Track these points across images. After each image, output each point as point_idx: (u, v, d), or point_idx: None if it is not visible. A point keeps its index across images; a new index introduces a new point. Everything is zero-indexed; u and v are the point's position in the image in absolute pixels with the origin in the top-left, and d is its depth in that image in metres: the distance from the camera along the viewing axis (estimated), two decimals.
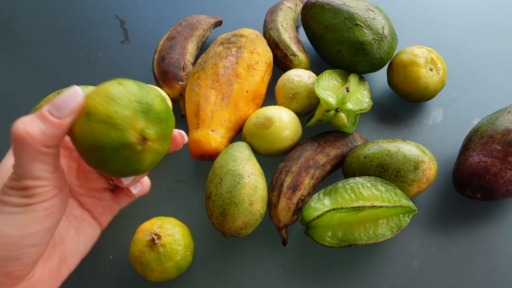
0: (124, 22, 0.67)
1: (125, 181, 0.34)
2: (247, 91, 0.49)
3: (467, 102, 0.56)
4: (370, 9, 0.52)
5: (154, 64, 0.55)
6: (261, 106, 0.52)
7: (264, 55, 0.51)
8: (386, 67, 0.55)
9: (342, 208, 0.41)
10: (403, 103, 0.56)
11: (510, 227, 0.47)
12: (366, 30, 0.50)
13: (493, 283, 0.44)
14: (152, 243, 0.41)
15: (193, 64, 0.56)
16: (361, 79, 0.53)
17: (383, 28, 0.51)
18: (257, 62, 0.50)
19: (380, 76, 0.58)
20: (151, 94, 0.28)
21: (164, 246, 0.41)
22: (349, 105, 0.46)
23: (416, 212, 0.43)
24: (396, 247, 0.46)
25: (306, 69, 0.55)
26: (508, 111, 0.46)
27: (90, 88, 0.51)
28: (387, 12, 0.55)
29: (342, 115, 0.46)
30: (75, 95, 0.27)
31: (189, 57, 0.55)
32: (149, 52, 0.61)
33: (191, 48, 0.56)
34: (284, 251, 0.46)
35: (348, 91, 0.47)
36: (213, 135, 0.47)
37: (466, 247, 0.46)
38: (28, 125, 0.26)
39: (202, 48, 0.60)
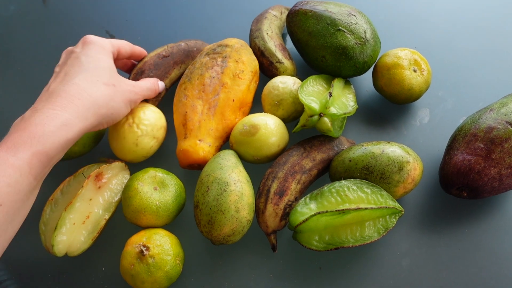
0: (114, 36, 0.69)
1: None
2: (233, 100, 0.49)
3: (454, 102, 0.57)
4: (352, 14, 0.53)
5: (133, 71, 0.54)
6: (248, 114, 0.53)
7: (249, 63, 0.52)
8: (371, 70, 0.56)
9: (327, 211, 0.41)
10: (390, 105, 0.56)
11: (499, 224, 0.47)
12: (349, 35, 0.51)
13: (483, 281, 0.44)
14: (141, 255, 0.41)
15: (168, 89, 0.56)
16: (347, 83, 0.54)
17: (365, 32, 0.52)
18: (242, 71, 0.51)
19: (367, 80, 0.58)
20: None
21: (153, 257, 0.42)
22: (333, 110, 0.47)
23: (403, 212, 0.44)
24: (385, 249, 0.47)
25: (292, 75, 0.56)
26: (491, 109, 0.47)
27: None
28: (372, 16, 0.56)
29: (326, 119, 0.47)
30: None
31: (167, 82, 0.55)
32: None
33: (174, 74, 0.55)
34: (273, 257, 0.47)
35: (331, 95, 0.47)
36: (200, 144, 0.48)
37: (455, 246, 0.46)
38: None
39: None
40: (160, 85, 0.52)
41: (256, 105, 0.55)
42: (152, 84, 0.50)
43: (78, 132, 0.38)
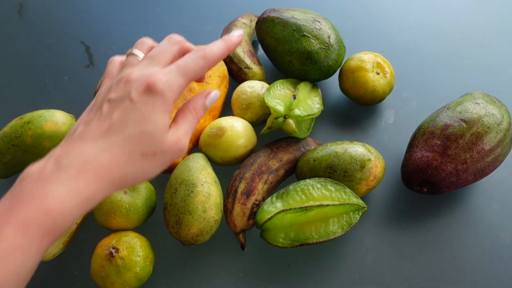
0: (89, 47, 0.70)
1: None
2: None
3: (418, 102, 0.59)
4: (317, 21, 0.55)
5: (99, 83, 0.56)
6: (218, 118, 0.54)
7: (216, 69, 0.53)
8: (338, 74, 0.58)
9: (290, 209, 0.43)
10: (357, 107, 0.58)
11: (459, 218, 0.49)
12: (313, 40, 0.53)
13: (444, 273, 0.46)
14: (110, 257, 0.42)
15: None
16: (314, 86, 0.56)
17: (329, 37, 0.54)
18: (210, 76, 0.52)
19: (335, 83, 0.60)
20: None
21: (122, 258, 0.42)
22: (297, 111, 0.49)
23: (366, 209, 0.45)
24: (351, 245, 0.48)
25: (262, 80, 0.57)
26: (448, 108, 0.49)
27: (52, 112, 0.53)
28: (339, 22, 0.58)
29: (291, 121, 0.48)
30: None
31: None
32: None
33: None
34: (243, 256, 0.48)
35: (295, 98, 0.49)
36: None
37: (418, 240, 0.48)
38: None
39: None
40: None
41: (228, 110, 0.57)
42: (196, 123, 0.40)
43: (96, 204, 0.34)
